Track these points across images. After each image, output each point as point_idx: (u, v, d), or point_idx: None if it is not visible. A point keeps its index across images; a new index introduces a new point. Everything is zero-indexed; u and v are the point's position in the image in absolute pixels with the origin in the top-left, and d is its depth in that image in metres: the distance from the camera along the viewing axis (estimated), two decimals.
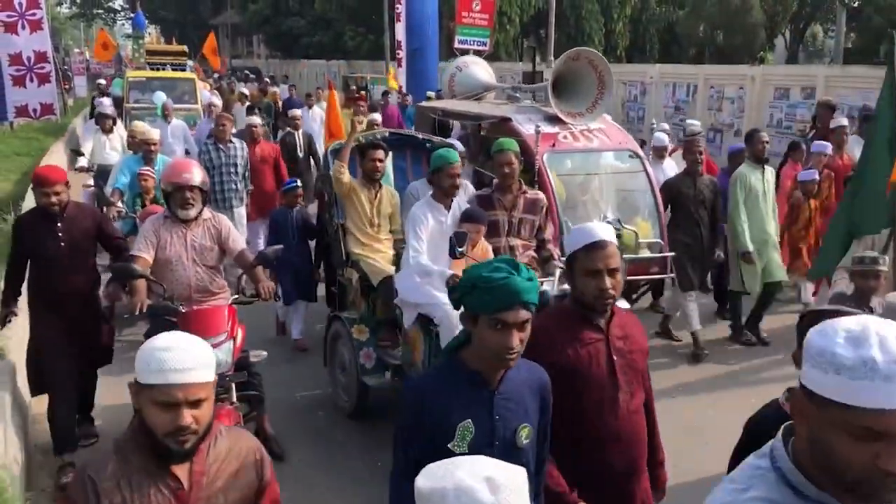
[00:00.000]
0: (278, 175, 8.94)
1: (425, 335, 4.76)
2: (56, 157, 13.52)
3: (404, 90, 17.71)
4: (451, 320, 4.24)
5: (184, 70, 19.61)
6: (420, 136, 6.58)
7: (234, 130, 8.83)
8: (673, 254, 6.44)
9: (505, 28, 27.66)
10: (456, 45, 18.79)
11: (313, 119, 13.70)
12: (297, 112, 11.18)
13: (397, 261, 5.23)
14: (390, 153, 5.89)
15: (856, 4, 28.51)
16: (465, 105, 7.86)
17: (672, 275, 6.52)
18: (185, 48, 22.88)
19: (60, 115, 18.95)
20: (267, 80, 27.55)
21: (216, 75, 29.21)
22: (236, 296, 4.58)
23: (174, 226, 4.50)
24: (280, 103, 18.39)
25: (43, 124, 15.27)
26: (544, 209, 5.14)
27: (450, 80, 8.72)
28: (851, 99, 13.02)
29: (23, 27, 12.60)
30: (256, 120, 9.34)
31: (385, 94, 17.38)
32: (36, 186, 4.67)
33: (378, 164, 5.54)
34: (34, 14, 12.68)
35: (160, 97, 13.52)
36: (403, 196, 5.93)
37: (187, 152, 11.08)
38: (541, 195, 5.21)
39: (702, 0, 28.61)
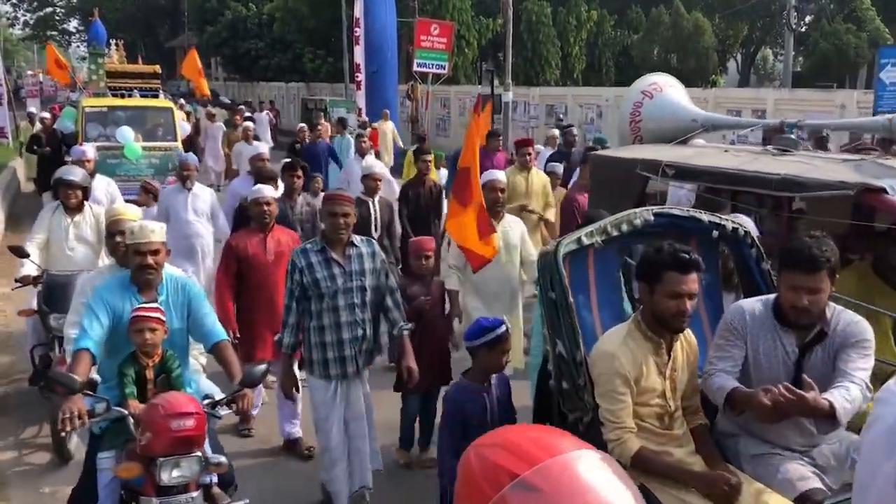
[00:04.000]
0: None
1: None
2: None
3: (364, 114, 17.60)
4: None
5: (156, 96, 15.57)
6: (705, 216, 3.55)
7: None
8: None
9: (463, 51, 27.91)
10: (415, 68, 18.97)
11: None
12: (380, 171, 6.89)
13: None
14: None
15: (803, 30, 29.44)
16: (720, 158, 4.55)
17: None
18: (157, 68, 17.55)
19: (12, 138, 18.55)
20: (243, 107, 19.79)
21: (199, 102, 22.56)
22: None
23: None
24: (304, 142, 12.77)
25: None
26: None
27: (632, 113, 5.47)
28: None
29: None
30: (268, 192, 5.38)
31: (495, 136, 10.59)
32: None
33: (688, 299, 2.90)
34: None
35: (126, 133, 11.17)
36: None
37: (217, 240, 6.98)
38: None
39: (655, 24, 29.30)
